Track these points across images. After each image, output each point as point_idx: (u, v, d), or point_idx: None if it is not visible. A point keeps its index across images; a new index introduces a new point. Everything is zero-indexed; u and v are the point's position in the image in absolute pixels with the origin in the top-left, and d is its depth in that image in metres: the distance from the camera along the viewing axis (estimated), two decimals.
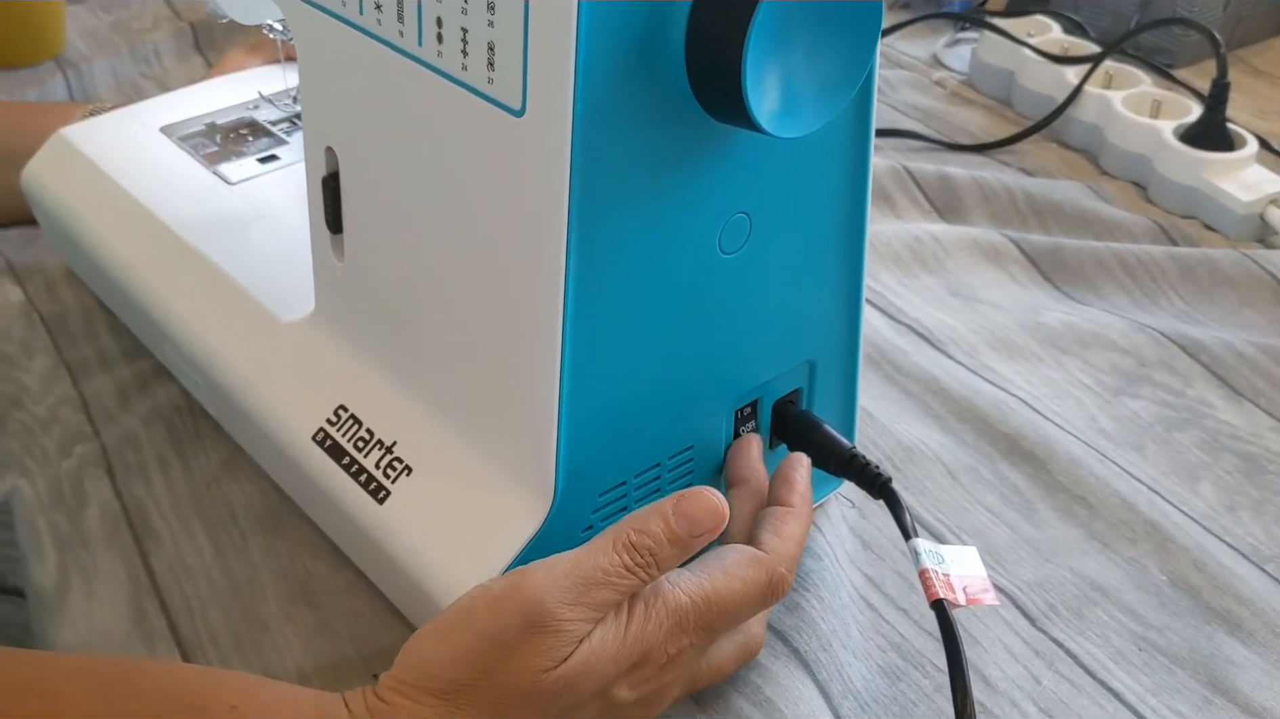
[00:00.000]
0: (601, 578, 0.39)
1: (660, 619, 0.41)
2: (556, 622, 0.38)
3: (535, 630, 0.38)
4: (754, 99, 0.35)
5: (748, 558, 0.43)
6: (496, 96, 0.37)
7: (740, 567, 0.43)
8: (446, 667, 0.39)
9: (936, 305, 0.69)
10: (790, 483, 0.47)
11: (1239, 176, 0.75)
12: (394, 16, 0.40)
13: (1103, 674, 0.48)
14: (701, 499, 0.40)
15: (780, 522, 0.45)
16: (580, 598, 0.39)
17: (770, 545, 0.44)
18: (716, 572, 0.42)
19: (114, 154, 0.65)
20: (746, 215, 0.42)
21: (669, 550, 0.40)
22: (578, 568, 0.39)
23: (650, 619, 0.40)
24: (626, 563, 0.39)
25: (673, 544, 0.40)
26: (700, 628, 0.42)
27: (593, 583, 0.39)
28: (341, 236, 0.48)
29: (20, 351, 0.65)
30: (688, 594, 0.41)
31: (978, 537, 0.54)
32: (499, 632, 0.38)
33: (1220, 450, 0.59)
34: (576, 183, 0.37)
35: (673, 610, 0.41)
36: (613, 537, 0.40)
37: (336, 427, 0.48)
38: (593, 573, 0.39)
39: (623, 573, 0.39)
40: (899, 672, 0.48)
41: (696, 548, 0.41)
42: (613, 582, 0.39)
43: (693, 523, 0.40)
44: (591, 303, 0.40)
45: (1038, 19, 0.92)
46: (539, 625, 0.38)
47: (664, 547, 0.40)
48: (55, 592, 0.52)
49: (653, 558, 0.40)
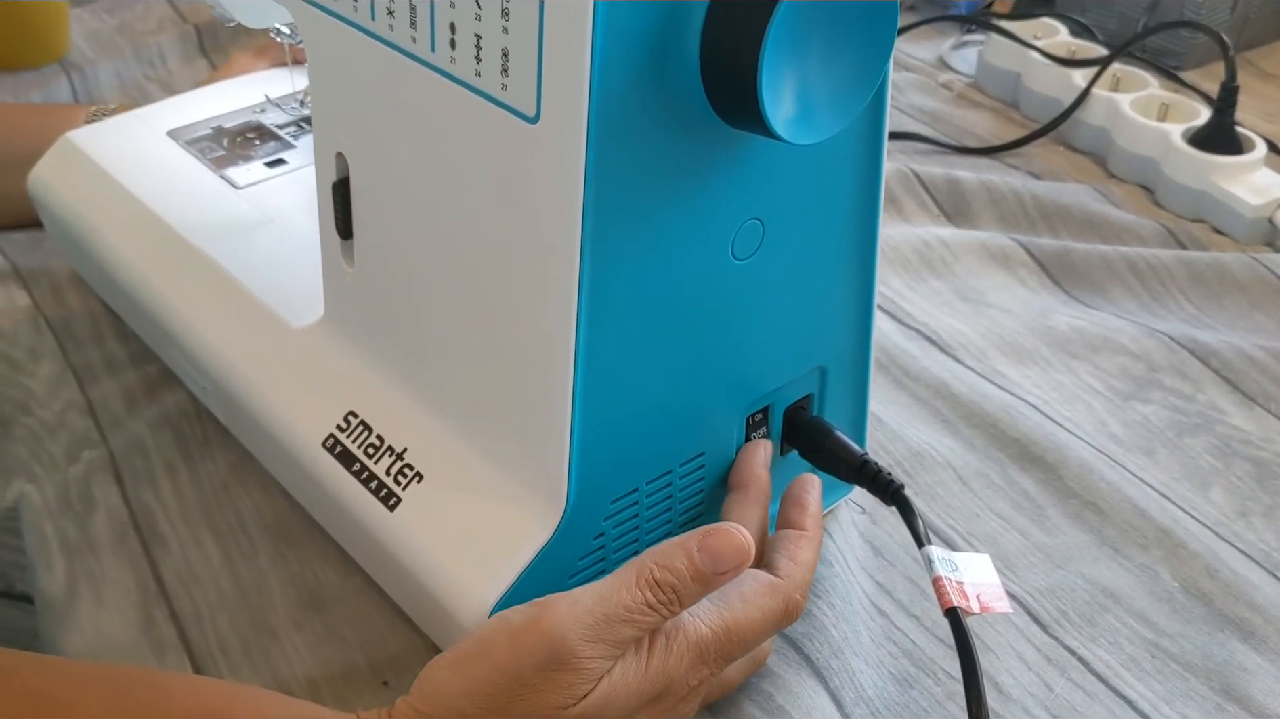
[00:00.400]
0: (624, 615, 0.39)
1: (681, 652, 0.40)
2: (577, 659, 0.38)
3: (555, 668, 0.38)
4: (770, 106, 0.35)
5: (765, 585, 0.43)
6: (510, 103, 0.37)
7: (758, 595, 0.43)
8: (463, 699, 0.38)
9: (945, 310, 0.69)
10: (802, 505, 0.47)
11: (1248, 180, 0.75)
12: (407, 22, 0.39)
13: (1115, 681, 0.48)
14: (727, 536, 0.40)
15: (794, 546, 0.45)
16: (601, 635, 0.38)
17: (786, 571, 0.44)
18: (735, 601, 0.42)
19: (121, 158, 0.65)
20: (759, 222, 0.42)
21: (693, 588, 0.40)
22: (600, 604, 0.39)
23: (671, 653, 0.40)
24: (649, 600, 0.39)
25: (696, 581, 0.40)
26: (720, 657, 0.42)
27: (615, 620, 0.39)
28: (351, 242, 0.48)
29: (27, 356, 0.65)
30: (708, 626, 0.41)
31: (989, 543, 0.54)
32: (518, 667, 0.38)
33: (1231, 456, 0.59)
34: (590, 189, 0.36)
35: (694, 643, 0.41)
36: (635, 572, 0.40)
37: (347, 433, 0.48)
38: (615, 610, 0.39)
39: (645, 610, 0.39)
40: (911, 679, 0.48)
41: (720, 584, 0.40)
42: (635, 619, 0.39)
43: (717, 560, 0.40)
44: (604, 309, 0.39)
45: (1044, 21, 0.92)
46: (559, 662, 0.38)
47: (687, 584, 0.39)
48: (64, 598, 0.52)
49: (675, 594, 0.39)
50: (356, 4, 0.42)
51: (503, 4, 0.36)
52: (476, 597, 0.43)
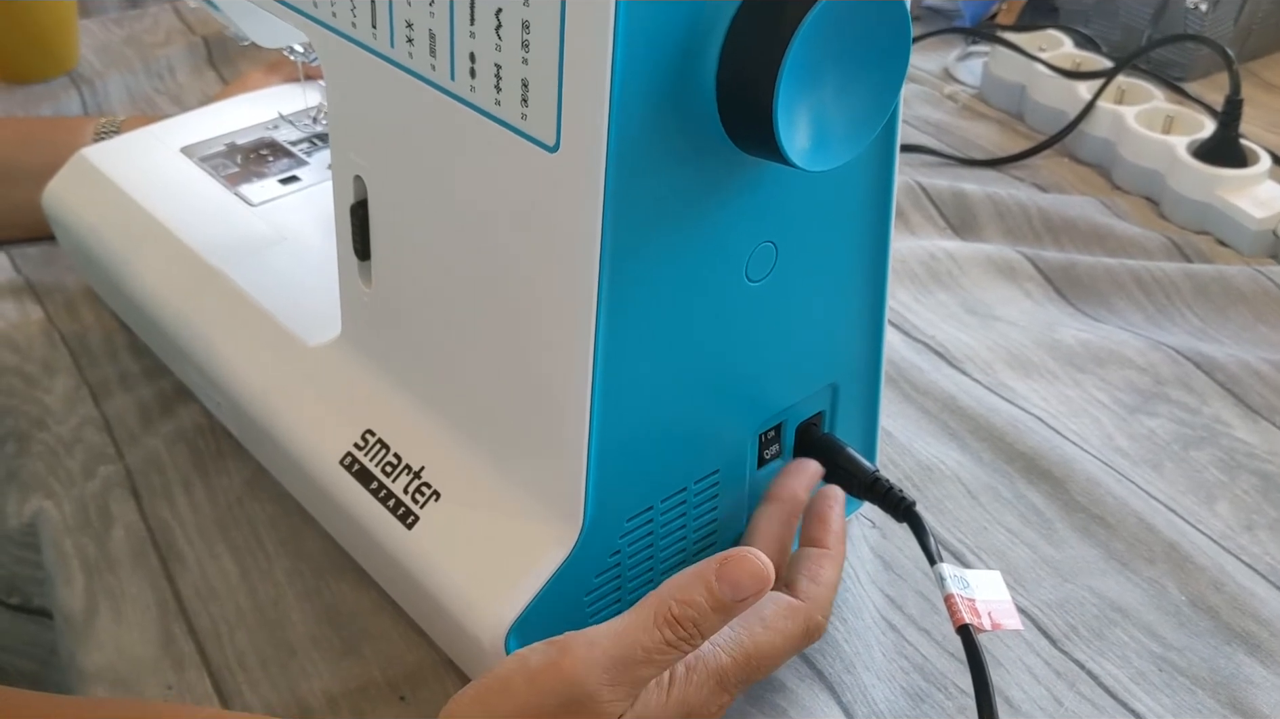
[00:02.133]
0: (643, 656, 0.38)
1: (702, 681, 0.41)
2: (595, 702, 0.38)
3: (575, 710, 0.38)
4: (785, 136, 0.35)
5: (785, 608, 0.43)
6: (530, 132, 0.37)
7: (779, 619, 0.43)
8: None
9: (952, 322, 0.70)
10: (825, 522, 0.47)
11: (1252, 193, 0.76)
12: (426, 50, 0.40)
13: (1124, 695, 0.49)
14: (745, 563, 0.39)
15: (817, 566, 0.45)
16: (620, 677, 0.38)
17: (808, 593, 0.44)
18: (756, 626, 0.42)
19: (135, 175, 0.65)
20: (773, 244, 0.43)
21: (713, 619, 0.39)
22: (618, 645, 0.38)
23: (692, 683, 0.40)
24: (669, 638, 0.38)
25: (717, 612, 0.39)
26: (740, 683, 0.42)
27: (634, 661, 0.38)
28: (369, 263, 0.49)
29: (42, 372, 0.65)
30: (729, 654, 0.41)
31: (997, 556, 0.55)
32: (538, 708, 0.38)
33: (1237, 469, 0.59)
34: (609, 216, 0.37)
35: (714, 672, 0.41)
36: (654, 610, 0.39)
37: (364, 451, 0.49)
38: (633, 651, 0.38)
39: (664, 649, 0.38)
40: (922, 693, 0.49)
41: (741, 611, 0.40)
42: (654, 659, 0.38)
43: (736, 588, 0.39)
44: (621, 332, 0.40)
45: (1049, 33, 0.93)
46: (579, 704, 0.38)
47: (708, 616, 0.39)
48: (83, 614, 0.52)
49: (696, 628, 0.39)
50: (376, 31, 0.42)
51: (523, 35, 0.36)
52: (494, 615, 0.43)
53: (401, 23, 0.41)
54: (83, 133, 0.74)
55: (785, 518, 0.47)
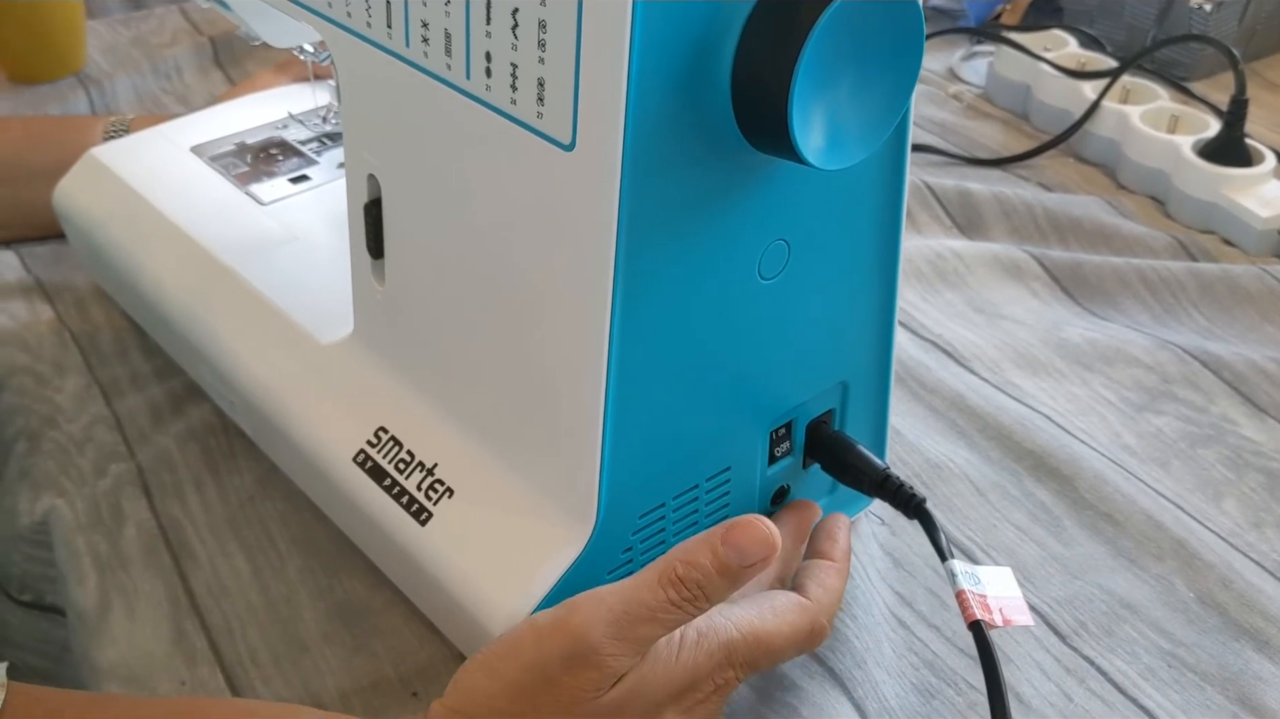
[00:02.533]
0: (647, 614, 0.39)
1: (711, 650, 0.41)
2: (599, 657, 0.39)
3: (579, 664, 0.39)
4: (800, 135, 0.36)
5: (795, 604, 0.44)
6: (546, 131, 0.38)
7: (788, 611, 0.44)
8: (497, 697, 0.40)
9: (960, 321, 0.70)
10: (834, 538, 0.49)
11: (1257, 192, 0.76)
12: (442, 50, 0.40)
13: (1133, 691, 0.49)
14: (752, 529, 0.40)
15: (825, 574, 0.47)
16: (625, 633, 0.39)
17: (815, 595, 0.45)
18: (766, 611, 0.43)
19: (146, 174, 0.65)
20: (785, 242, 0.43)
21: (718, 582, 0.40)
22: (623, 602, 0.39)
23: (701, 649, 0.41)
24: (673, 598, 0.39)
25: (722, 575, 0.40)
26: (746, 663, 0.43)
27: (638, 619, 0.39)
28: (382, 261, 0.49)
29: (53, 371, 0.66)
30: (738, 629, 0.42)
31: (1007, 554, 0.55)
32: (544, 665, 0.39)
33: (1244, 467, 0.60)
34: (624, 215, 0.37)
35: (724, 642, 0.42)
36: (659, 570, 0.40)
37: (377, 448, 0.49)
38: (638, 609, 0.39)
39: (669, 608, 0.39)
40: (932, 689, 0.49)
41: (747, 579, 0.41)
42: (658, 618, 0.39)
43: (742, 553, 0.40)
44: (635, 330, 0.40)
45: (1054, 33, 0.93)
46: (582, 659, 0.39)
47: (712, 579, 0.40)
48: (96, 612, 0.53)
49: (701, 591, 0.40)
50: (391, 31, 0.42)
51: (539, 35, 0.36)
52: (508, 611, 0.43)
53: (417, 22, 0.41)
54: (92, 132, 0.75)
55: (795, 532, 0.49)
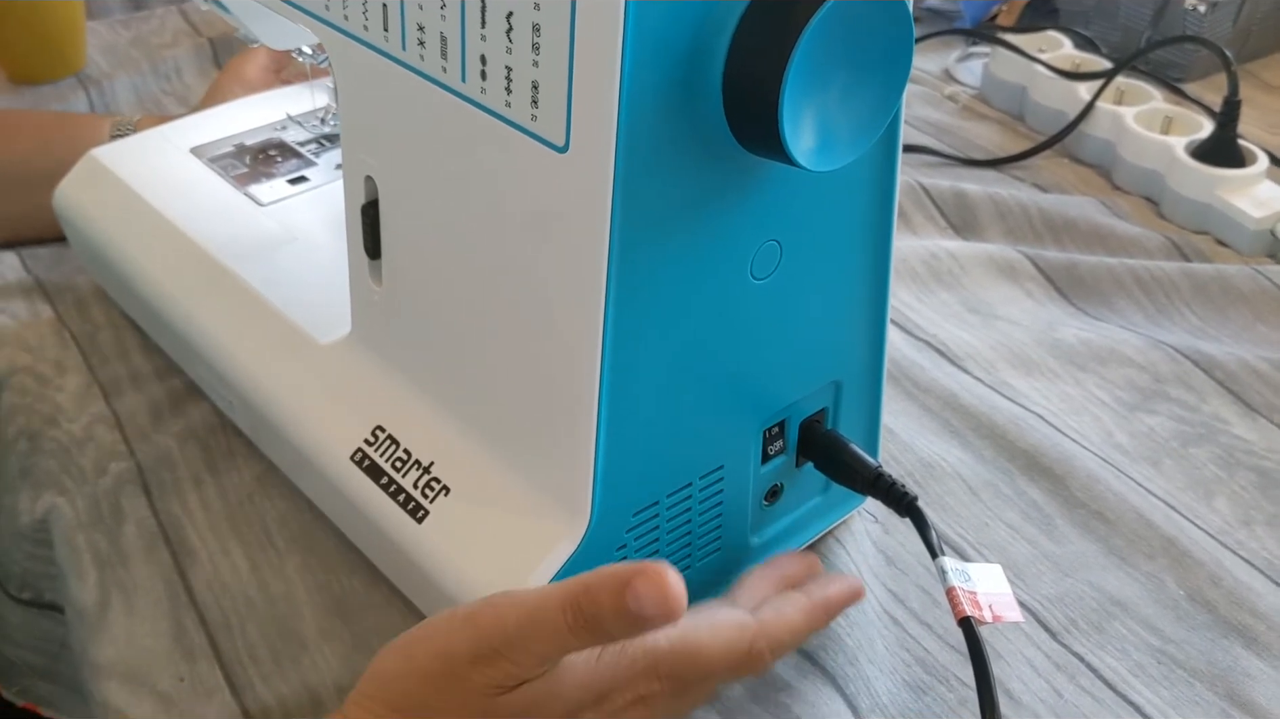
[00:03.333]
0: (548, 633, 0.37)
1: (635, 657, 0.40)
2: (501, 659, 0.38)
3: (482, 661, 0.38)
4: (791, 137, 0.36)
5: (735, 622, 0.42)
6: (540, 133, 0.38)
7: (726, 627, 0.42)
8: (408, 680, 0.39)
9: (954, 321, 0.70)
10: (823, 585, 0.47)
11: (1251, 193, 0.76)
12: (438, 53, 0.41)
13: (1123, 687, 0.50)
14: (656, 582, 0.36)
15: (786, 603, 0.45)
16: (526, 645, 0.38)
17: (764, 618, 0.43)
18: (702, 624, 0.42)
19: (145, 175, 0.66)
20: (777, 243, 0.43)
21: (613, 622, 0.37)
22: (529, 615, 0.38)
23: (624, 654, 0.40)
24: (570, 624, 0.37)
25: (618, 617, 0.37)
26: (673, 676, 0.41)
27: (539, 636, 0.38)
28: (380, 262, 0.49)
29: (53, 370, 0.66)
30: (667, 639, 0.41)
31: (998, 552, 0.55)
32: (451, 655, 0.38)
33: (1235, 466, 0.60)
34: (618, 216, 0.38)
35: (648, 651, 0.40)
36: (566, 592, 0.37)
37: (375, 447, 0.49)
38: (540, 627, 0.37)
39: (564, 634, 0.37)
40: (924, 686, 0.49)
41: (643, 630, 0.38)
42: (555, 640, 0.38)
43: (639, 602, 0.36)
44: (628, 330, 0.41)
45: (1049, 35, 0.93)
46: (486, 660, 0.38)
47: (608, 618, 0.37)
48: (96, 608, 0.53)
49: (597, 625, 0.37)
50: (388, 34, 0.43)
51: (533, 38, 0.37)
52: None
53: (413, 25, 0.42)
54: (99, 132, 0.75)
55: (775, 581, 0.47)
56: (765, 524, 0.52)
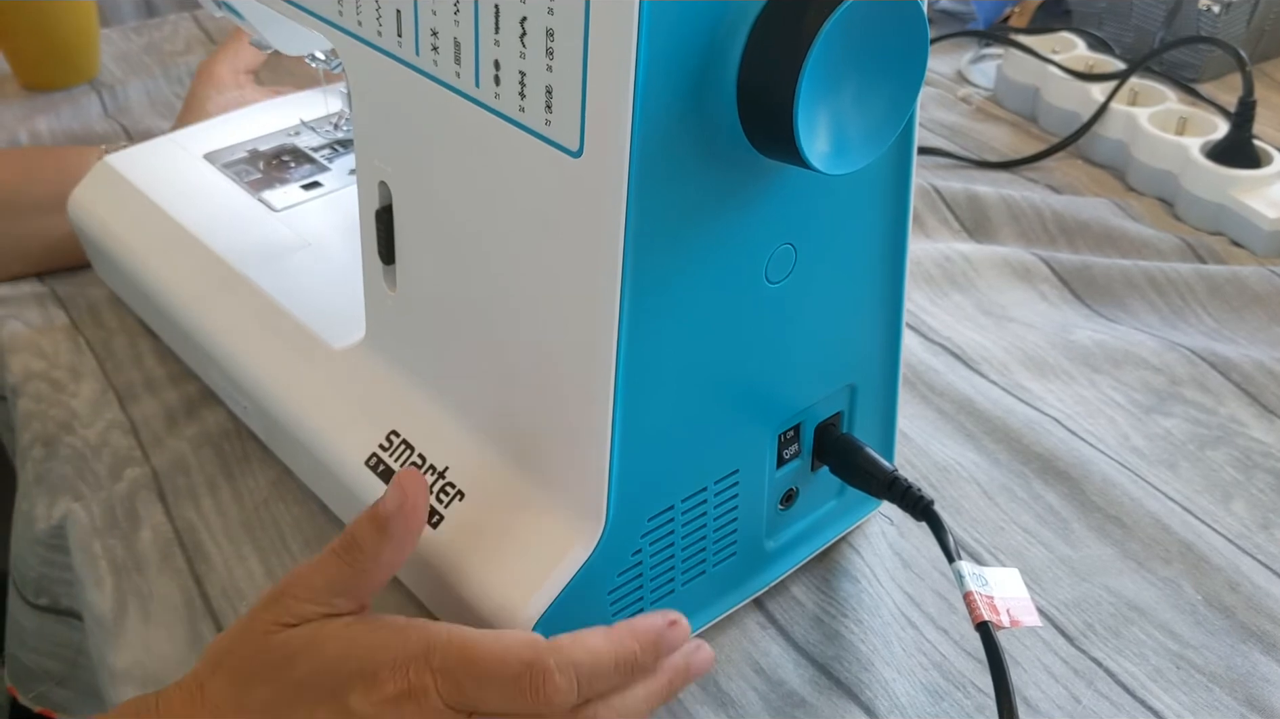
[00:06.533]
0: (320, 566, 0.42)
1: (408, 636, 0.40)
2: (284, 596, 0.42)
3: (271, 603, 0.42)
4: (805, 141, 0.36)
5: (526, 637, 0.40)
6: (554, 138, 0.38)
7: (511, 637, 0.40)
8: (222, 638, 0.43)
9: (968, 324, 0.70)
10: (637, 628, 0.42)
11: (1266, 193, 0.76)
12: (451, 58, 0.41)
13: (1141, 693, 0.49)
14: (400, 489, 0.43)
15: (591, 632, 0.41)
16: (305, 578, 0.42)
17: (559, 639, 0.40)
18: (489, 630, 0.41)
19: (159, 181, 0.66)
20: (792, 246, 0.43)
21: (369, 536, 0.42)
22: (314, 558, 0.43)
23: (402, 633, 0.40)
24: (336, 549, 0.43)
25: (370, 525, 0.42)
26: (444, 670, 0.39)
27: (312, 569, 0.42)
28: (394, 267, 0.49)
29: (68, 376, 0.66)
30: (446, 629, 0.40)
31: (1014, 556, 0.55)
32: (253, 607, 0.43)
33: (1253, 469, 0.60)
34: (632, 220, 0.38)
35: (422, 634, 0.40)
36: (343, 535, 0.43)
37: (389, 452, 0.49)
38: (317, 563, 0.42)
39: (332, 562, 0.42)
40: (941, 691, 0.49)
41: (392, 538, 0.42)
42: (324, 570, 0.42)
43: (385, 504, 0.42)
44: (644, 335, 0.41)
45: (1062, 36, 0.93)
46: (274, 599, 0.42)
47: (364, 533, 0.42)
48: (113, 615, 0.53)
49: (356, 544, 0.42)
50: (401, 40, 0.43)
51: (547, 43, 0.37)
52: (519, 613, 0.44)
53: (427, 31, 0.42)
54: (89, 162, 0.72)
55: (619, 636, 0.42)
56: (780, 528, 0.52)
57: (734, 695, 0.49)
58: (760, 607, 0.53)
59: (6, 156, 0.76)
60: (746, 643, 0.51)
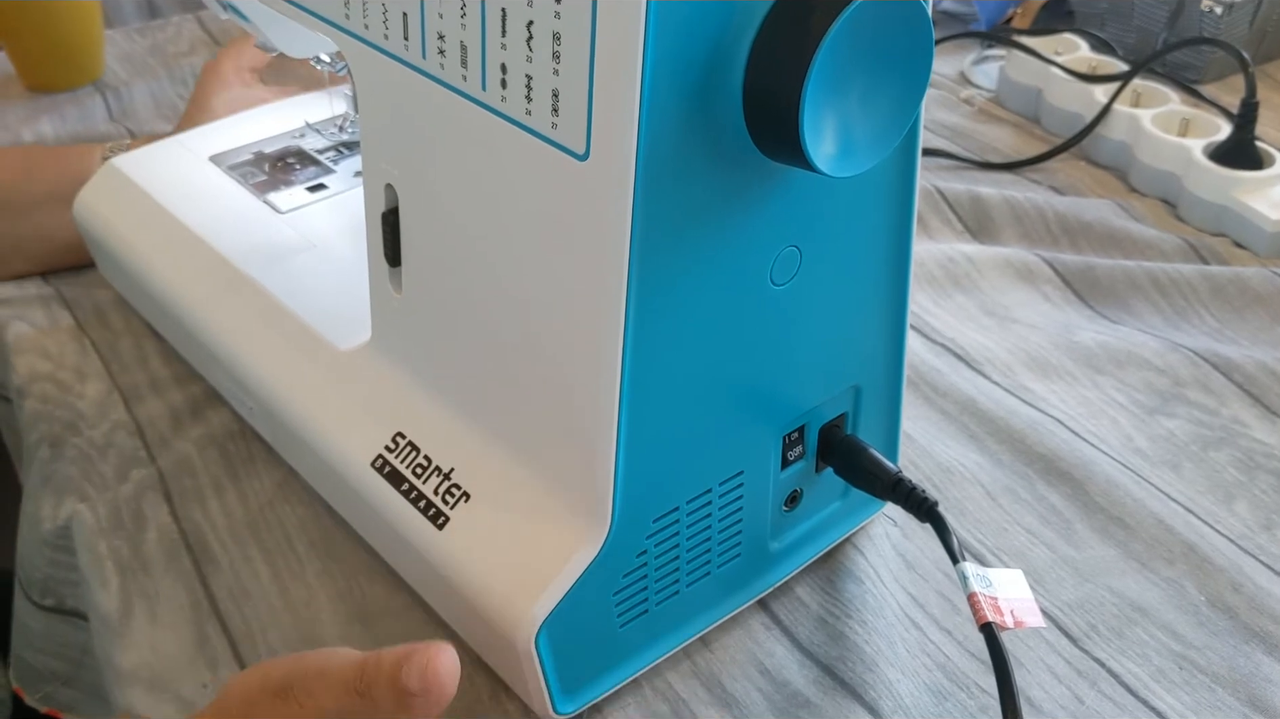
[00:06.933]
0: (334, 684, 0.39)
1: (250, 671, 0.41)
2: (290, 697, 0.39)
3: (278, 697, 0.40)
4: (811, 143, 0.36)
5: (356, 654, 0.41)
6: (560, 141, 0.38)
7: (340, 651, 0.41)
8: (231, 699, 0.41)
9: (971, 325, 0.70)
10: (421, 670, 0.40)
11: (1268, 195, 0.76)
12: (458, 61, 0.41)
13: (1144, 693, 0.49)
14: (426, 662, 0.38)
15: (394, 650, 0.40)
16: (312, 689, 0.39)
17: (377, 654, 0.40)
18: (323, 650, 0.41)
19: (165, 183, 0.66)
20: (797, 249, 0.43)
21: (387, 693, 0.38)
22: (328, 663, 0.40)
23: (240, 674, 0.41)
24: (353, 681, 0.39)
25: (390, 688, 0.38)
26: (285, 681, 0.40)
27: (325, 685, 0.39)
28: (400, 269, 0.50)
29: (74, 377, 0.67)
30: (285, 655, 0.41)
31: (1017, 557, 0.55)
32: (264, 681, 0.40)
33: (1255, 469, 0.60)
34: (638, 223, 0.38)
35: (263, 665, 0.41)
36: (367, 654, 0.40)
37: (395, 453, 0.50)
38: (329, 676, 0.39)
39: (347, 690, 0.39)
40: (945, 692, 0.49)
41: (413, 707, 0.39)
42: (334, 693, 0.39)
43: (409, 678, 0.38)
44: (649, 336, 0.41)
45: (1065, 37, 0.93)
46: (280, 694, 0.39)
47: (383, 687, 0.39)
48: (119, 616, 0.53)
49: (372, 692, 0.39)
50: (408, 43, 0.43)
51: (554, 46, 0.37)
52: (525, 614, 0.44)
53: (433, 34, 0.42)
54: (91, 159, 0.73)
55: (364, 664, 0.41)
56: (785, 530, 0.52)
57: (738, 696, 0.49)
58: (765, 608, 0.53)
59: (7, 155, 0.76)
60: (751, 644, 0.51)
